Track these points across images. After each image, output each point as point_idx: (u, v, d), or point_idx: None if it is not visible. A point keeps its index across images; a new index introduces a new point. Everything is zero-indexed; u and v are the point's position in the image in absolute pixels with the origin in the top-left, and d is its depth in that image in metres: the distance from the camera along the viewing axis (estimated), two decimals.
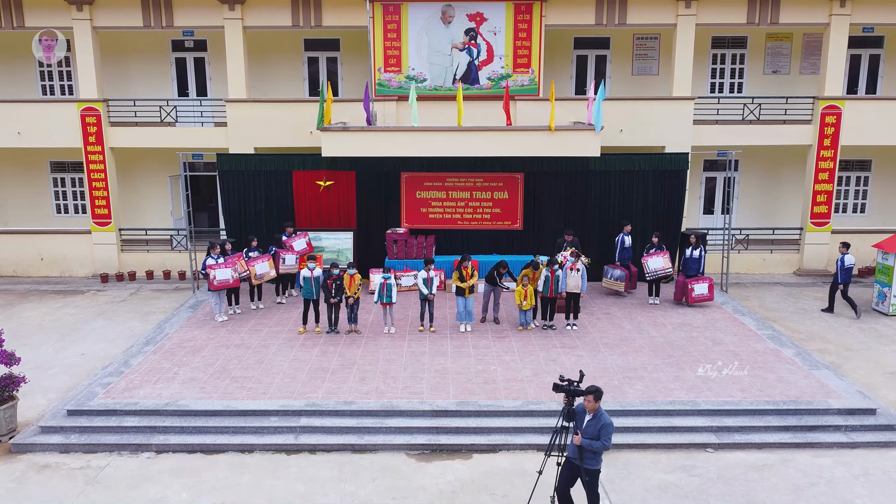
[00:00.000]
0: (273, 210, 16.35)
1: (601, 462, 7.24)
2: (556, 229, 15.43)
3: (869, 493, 8.27)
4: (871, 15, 17.44)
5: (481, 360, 11.55)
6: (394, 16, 17.10)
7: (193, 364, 11.41)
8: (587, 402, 7.09)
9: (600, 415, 7.07)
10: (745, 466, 8.84)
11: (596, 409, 7.08)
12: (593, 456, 7.12)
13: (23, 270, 18.66)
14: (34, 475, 8.74)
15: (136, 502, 8.13)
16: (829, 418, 9.69)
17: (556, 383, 7.23)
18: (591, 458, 7.13)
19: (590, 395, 7.05)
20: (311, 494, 8.24)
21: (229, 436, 9.39)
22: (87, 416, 9.74)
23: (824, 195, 18.11)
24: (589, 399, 7.06)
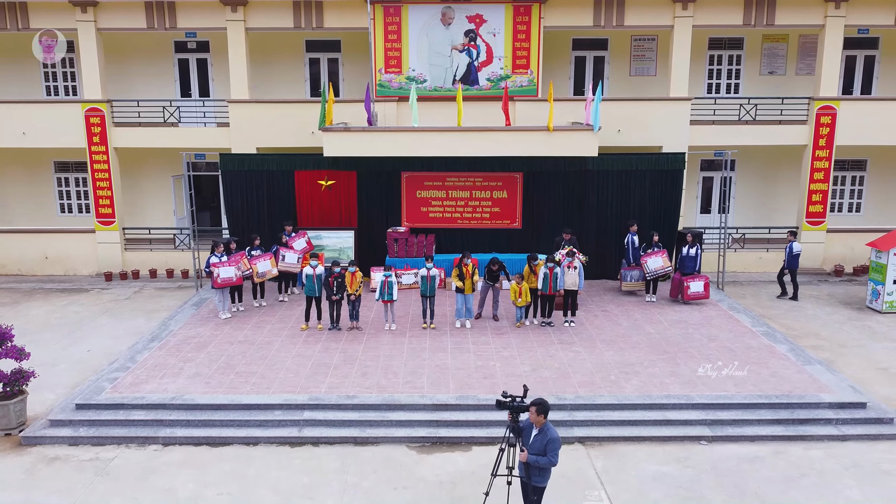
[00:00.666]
0: (275, 209, 16.56)
1: (548, 479, 7.03)
2: (555, 228, 15.63)
3: (858, 483, 8.49)
4: (865, 17, 17.67)
5: (480, 355, 11.77)
6: (394, 17, 17.33)
7: (198, 360, 11.64)
8: (532, 416, 6.84)
9: (547, 429, 6.84)
10: (738, 458, 9.07)
11: (542, 423, 6.84)
12: (540, 473, 6.90)
13: (27, 269, 18.87)
14: (44, 467, 8.96)
15: (145, 493, 8.34)
16: (820, 412, 9.91)
17: (499, 399, 7.03)
18: (537, 475, 6.91)
19: (533, 407, 6.80)
20: (315, 485, 8.46)
21: (234, 429, 9.61)
22: (95, 409, 9.97)
23: (819, 195, 18.34)
24: (532, 412, 6.82)
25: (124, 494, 8.31)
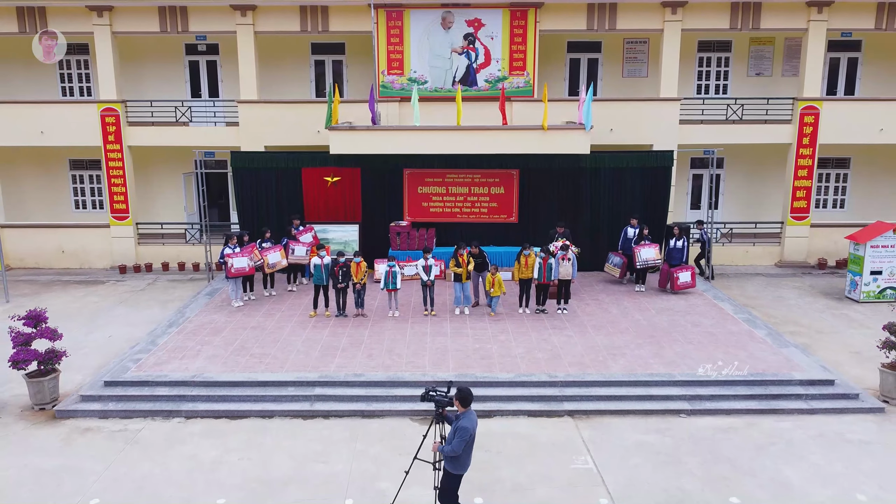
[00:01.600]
0: (284, 204, 17.36)
1: (463, 468, 7.15)
2: (550, 222, 16.42)
3: (822, 450, 9.31)
4: (847, 21, 18.48)
5: (478, 339, 12.59)
6: (396, 21, 18.14)
7: (215, 343, 12.46)
8: (456, 405, 7.02)
9: (462, 417, 6.99)
10: (714, 429, 9.89)
11: (463, 411, 7.04)
12: (451, 460, 7.04)
13: (45, 262, 19.67)
14: (78, 437, 9.79)
15: (172, 459, 9.16)
16: (791, 388, 10.74)
17: (425, 393, 7.21)
18: (448, 462, 7.07)
19: (457, 400, 6.98)
20: (327, 452, 9.28)
21: (251, 403, 10.44)
22: (122, 386, 10.79)
23: (803, 191, 19.14)
24: (456, 404, 7.00)
25: (154, 460, 9.13)
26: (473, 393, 7.26)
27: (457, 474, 7.17)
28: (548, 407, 10.35)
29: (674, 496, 8.24)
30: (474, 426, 7.04)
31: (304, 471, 8.82)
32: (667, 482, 8.53)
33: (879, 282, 15.95)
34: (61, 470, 8.89)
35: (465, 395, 7.04)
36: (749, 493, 8.29)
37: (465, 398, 7.04)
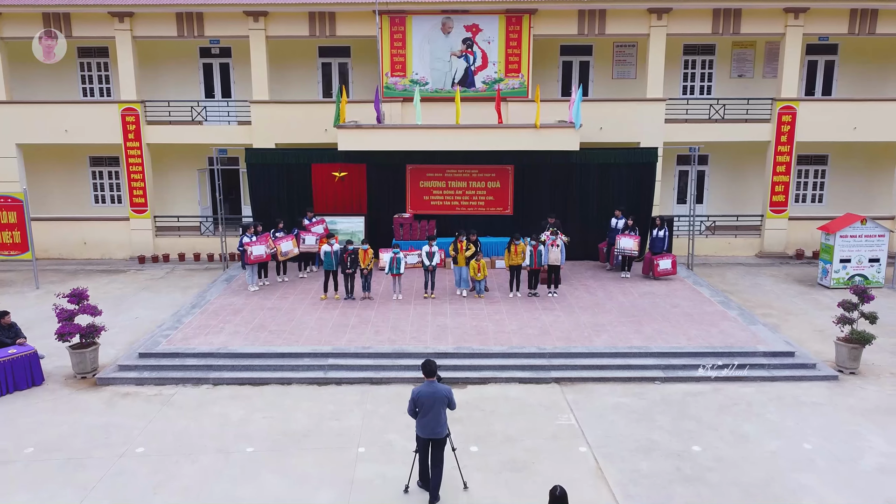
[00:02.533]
0: (294, 198, 18.57)
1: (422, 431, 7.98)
2: (542, 214, 17.59)
3: (778, 410, 10.53)
4: (822, 26, 19.70)
5: (475, 318, 13.82)
6: (399, 27, 19.37)
7: (235, 322, 13.69)
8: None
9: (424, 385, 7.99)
10: (684, 394, 11.11)
11: (427, 381, 8.01)
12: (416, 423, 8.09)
13: (68, 253, 20.88)
14: (119, 400, 11.01)
15: (204, 417, 10.38)
16: (755, 359, 11.96)
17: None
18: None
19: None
20: (340, 412, 10.50)
21: (271, 372, 11.66)
22: (155, 357, 12.02)
23: (782, 186, 20.36)
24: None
25: (188, 418, 10.36)
26: (470, 364, 8.40)
27: (418, 434, 8.10)
28: (537, 375, 11.57)
29: (644, 445, 9.46)
30: (421, 394, 7.96)
31: (321, 426, 10.05)
32: (639, 434, 9.76)
33: (848, 269, 17.17)
34: (107, 425, 10.11)
35: (426, 367, 8.03)
36: (709, 443, 9.52)
37: (425, 370, 8.04)
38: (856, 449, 9.37)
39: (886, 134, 20.00)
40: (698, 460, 9.09)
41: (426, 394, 7.99)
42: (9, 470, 8.95)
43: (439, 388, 8.02)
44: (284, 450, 9.40)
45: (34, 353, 11.55)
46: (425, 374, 8.10)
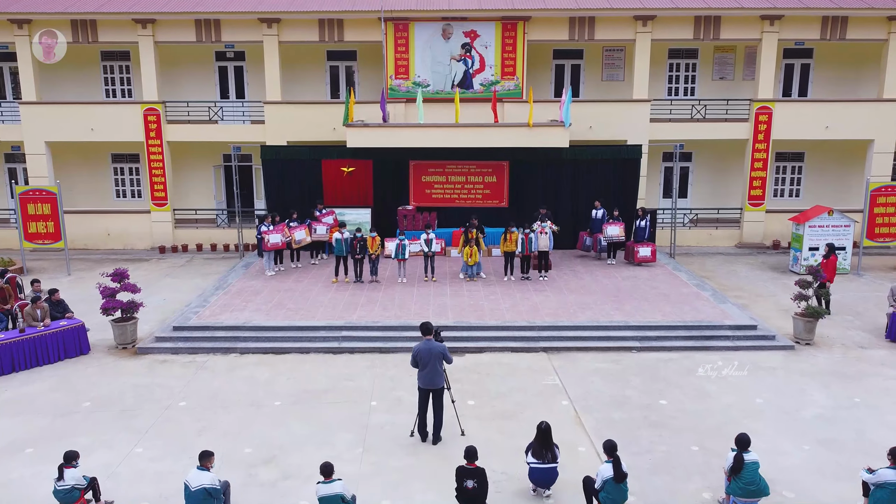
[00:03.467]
0: (306, 191, 20.02)
1: (422, 382, 9.45)
2: (535, 206, 18.95)
3: (737, 373, 12.02)
4: (796, 32, 21.18)
5: (472, 298, 15.30)
6: (403, 32, 20.85)
7: (256, 301, 15.17)
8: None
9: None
10: (657, 360, 12.60)
11: (424, 339, 9.41)
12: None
13: (92, 244, 22.33)
14: (158, 365, 12.50)
15: (235, 379, 11.86)
16: (721, 331, 13.45)
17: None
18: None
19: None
20: (353, 374, 11.98)
21: (291, 343, 13.14)
22: (187, 330, 13.50)
23: (759, 181, 21.83)
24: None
25: (221, 379, 11.84)
26: (468, 335, 9.85)
27: (419, 386, 9.52)
28: (527, 345, 13.06)
29: (617, 399, 10.95)
30: (419, 350, 9.39)
31: (338, 385, 11.54)
32: (614, 392, 11.24)
33: (817, 256, 18.61)
34: (151, 385, 11.60)
35: (424, 327, 9.54)
36: (675, 398, 11.01)
37: (423, 329, 9.54)
38: (800, 402, 10.86)
39: (857, 132, 21.46)
40: (663, 411, 10.58)
41: (424, 350, 9.46)
42: (71, 419, 10.43)
43: (435, 346, 9.48)
44: (307, 403, 10.89)
45: (82, 326, 13.04)
46: (423, 333, 9.58)
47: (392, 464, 9.10)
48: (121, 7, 20.93)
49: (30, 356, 12.32)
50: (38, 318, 12.65)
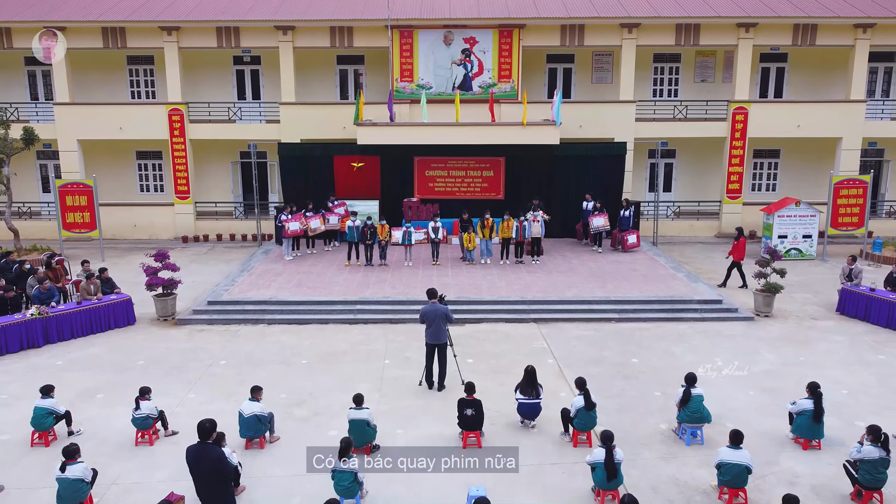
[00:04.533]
0: (319, 184, 21.78)
1: (429, 339, 11.27)
2: (529, 198, 20.76)
3: (701, 338, 13.84)
4: (769, 38, 22.99)
5: (471, 278, 17.11)
6: (408, 39, 22.66)
7: (278, 281, 16.98)
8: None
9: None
10: (632, 329, 14.41)
11: (430, 302, 11.28)
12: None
13: (119, 234, 24.12)
14: (197, 333, 14.32)
15: (265, 343, 13.67)
16: (691, 305, 15.27)
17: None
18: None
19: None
20: (368, 339, 13.80)
21: (312, 315, 14.96)
22: (220, 304, 15.32)
23: (737, 175, 23.65)
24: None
25: (253, 344, 13.66)
26: (467, 308, 11.61)
27: (427, 341, 11.37)
28: (519, 317, 14.88)
29: (595, 358, 12.77)
30: (426, 310, 11.29)
31: (355, 348, 13.36)
32: (593, 353, 13.06)
33: (785, 244, 20.47)
34: (193, 348, 13.42)
35: (429, 292, 11.49)
36: (644, 357, 12.83)
37: (428, 293, 11.48)
38: (752, 360, 12.68)
39: (826, 131, 23.27)
40: (634, 367, 12.41)
41: (430, 311, 11.30)
42: (130, 374, 12.24)
43: (439, 307, 11.31)
44: (330, 362, 12.71)
45: (129, 300, 14.88)
46: (429, 297, 11.44)
47: (404, 404, 10.93)
48: (148, 16, 22.74)
49: (86, 325, 14.14)
50: (92, 292, 14.48)
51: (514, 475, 8.68)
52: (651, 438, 9.86)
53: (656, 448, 9.61)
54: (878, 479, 8.07)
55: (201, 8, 23.42)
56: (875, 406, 10.77)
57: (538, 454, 9.40)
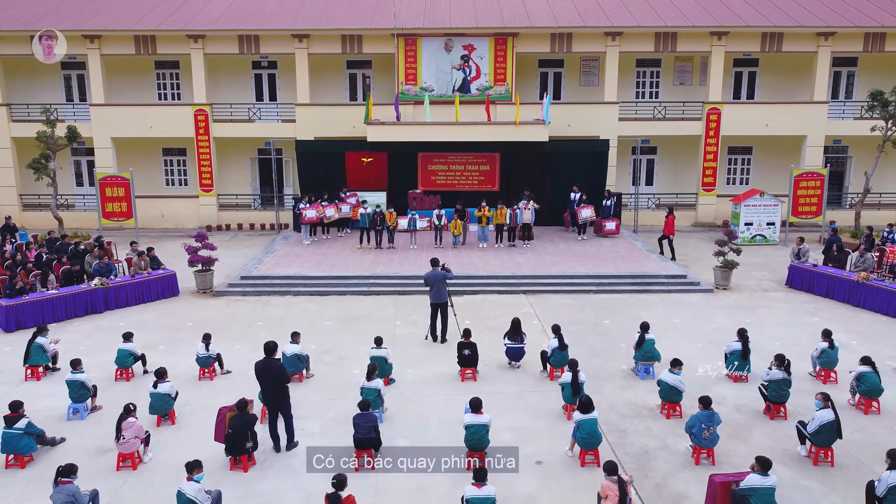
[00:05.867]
0: (332, 177, 24.11)
1: (432, 299, 13.64)
2: (521, 189, 23.13)
3: (665, 306, 16.19)
4: (740, 45, 25.33)
5: (469, 258, 19.47)
6: (412, 46, 25.00)
7: (300, 261, 19.33)
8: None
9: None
10: (607, 299, 16.76)
11: (431, 269, 14.04)
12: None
13: (148, 224, 26.42)
14: (233, 302, 16.67)
15: (293, 310, 16.02)
16: (659, 280, 17.64)
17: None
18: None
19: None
20: (381, 307, 16.15)
21: (331, 288, 17.30)
22: (251, 279, 17.68)
23: (711, 170, 25.98)
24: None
25: (282, 311, 16.01)
26: (465, 282, 13.98)
27: (431, 301, 13.86)
28: (510, 289, 17.23)
29: (574, 320, 15.12)
30: (428, 274, 13.79)
31: (370, 313, 15.72)
32: (572, 316, 15.42)
33: (751, 231, 22.82)
34: (232, 314, 15.77)
35: (432, 260, 14.01)
36: (615, 320, 15.19)
37: (431, 262, 13.96)
38: (705, 322, 15.05)
39: (792, 129, 25.60)
40: (605, 327, 14.78)
41: (432, 275, 13.78)
42: (182, 332, 14.59)
43: (439, 272, 13.75)
44: (350, 323, 15.07)
45: (174, 274, 17.24)
46: (432, 265, 13.87)
47: (413, 353, 13.30)
48: (177, 25, 25.08)
49: (138, 295, 16.49)
50: (142, 267, 16.83)
51: (504, 398, 11.04)
52: (614, 375, 12.24)
53: (617, 381, 11.98)
54: (782, 395, 10.42)
55: (225, 18, 25.77)
56: (801, 353, 13.07)
57: (521, 385, 11.78)
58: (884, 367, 12.06)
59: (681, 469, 9.21)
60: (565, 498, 8.57)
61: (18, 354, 12.70)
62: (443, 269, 13.86)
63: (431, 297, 13.75)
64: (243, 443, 8.97)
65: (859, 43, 25.24)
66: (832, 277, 16.72)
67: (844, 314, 15.68)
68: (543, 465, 9.28)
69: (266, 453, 9.56)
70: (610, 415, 10.70)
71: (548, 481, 8.90)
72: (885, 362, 12.56)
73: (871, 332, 14.45)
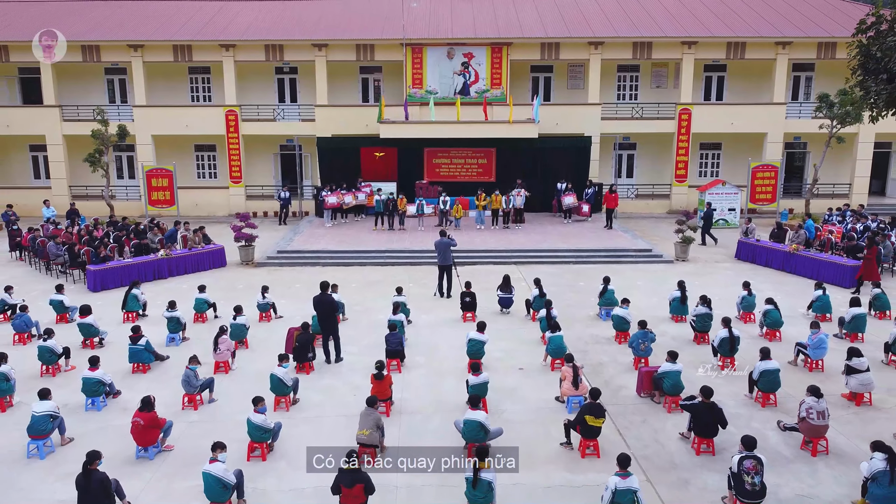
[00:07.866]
0: (348, 170, 27.44)
1: (440, 262, 17.17)
2: (514, 179, 26.49)
3: (632, 272, 19.55)
4: (708, 53, 28.69)
5: (469, 237, 22.82)
6: (418, 54, 28.34)
7: (324, 240, 22.69)
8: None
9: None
10: (584, 268, 20.12)
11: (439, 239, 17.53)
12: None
13: (184, 212, 29.55)
14: (273, 271, 20.03)
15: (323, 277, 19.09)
16: (628, 253, 21.01)
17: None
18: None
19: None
20: (394, 274, 19.50)
21: (353, 260, 20.66)
22: (286, 253, 21.05)
23: (683, 163, 29.33)
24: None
25: (314, 278, 19.15)
26: (465, 256, 17.39)
27: (438, 263, 17.30)
28: (503, 261, 20.59)
29: (555, 282, 18.43)
30: (437, 242, 17.21)
31: (387, 279, 19.07)
32: (553, 280, 18.75)
33: (715, 215, 26.14)
34: (273, 279, 19.08)
35: (440, 232, 17.39)
36: (588, 282, 18.52)
37: (440, 233, 17.35)
38: (661, 284, 18.38)
39: (754, 127, 28.95)
40: (580, 287, 18.15)
41: (439, 242, 17.20)
42: (235, 292, 17.94)
43: (445, 239, 17.06)
44: (371, 286, 18.43)
45: (222, 249, 20.61)
46: (440, 235, 17.13)
47: (424, 305, 16.67)
48: (210, 36, 28.43)
49: (194, 264, 19.86)
50: (196, 242, 20.18)
51: (497, 332, 14.37)
52: (583, 318, 15.65)
53: (585, 322, 15.39)
54: (705, 325, 13.75)
55: (252, 29, 29.10)
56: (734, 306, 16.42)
57: (510, 325, 15.16)
58: (796, 314, 15.49)
59: (623, 373, 12.59)
60: (539, 387, 11.94)
61: (109, 307, 16.06)
62: (448, 239, 17.18)
63: (439, 260, 17.10)
64: (306, 353, 12.32)
65: (813, 51, 28.59)
66: (770, 249, 20.09)
67: (778, 279, 19.05)
68: (524, 371, 12.66)
69: (320, 364, 12.93)
70: (577, 343, 14.06)
71: (527, 379, 12.29)
72: (798, 310, 15.95)
73: (796, 291, 17.77)
